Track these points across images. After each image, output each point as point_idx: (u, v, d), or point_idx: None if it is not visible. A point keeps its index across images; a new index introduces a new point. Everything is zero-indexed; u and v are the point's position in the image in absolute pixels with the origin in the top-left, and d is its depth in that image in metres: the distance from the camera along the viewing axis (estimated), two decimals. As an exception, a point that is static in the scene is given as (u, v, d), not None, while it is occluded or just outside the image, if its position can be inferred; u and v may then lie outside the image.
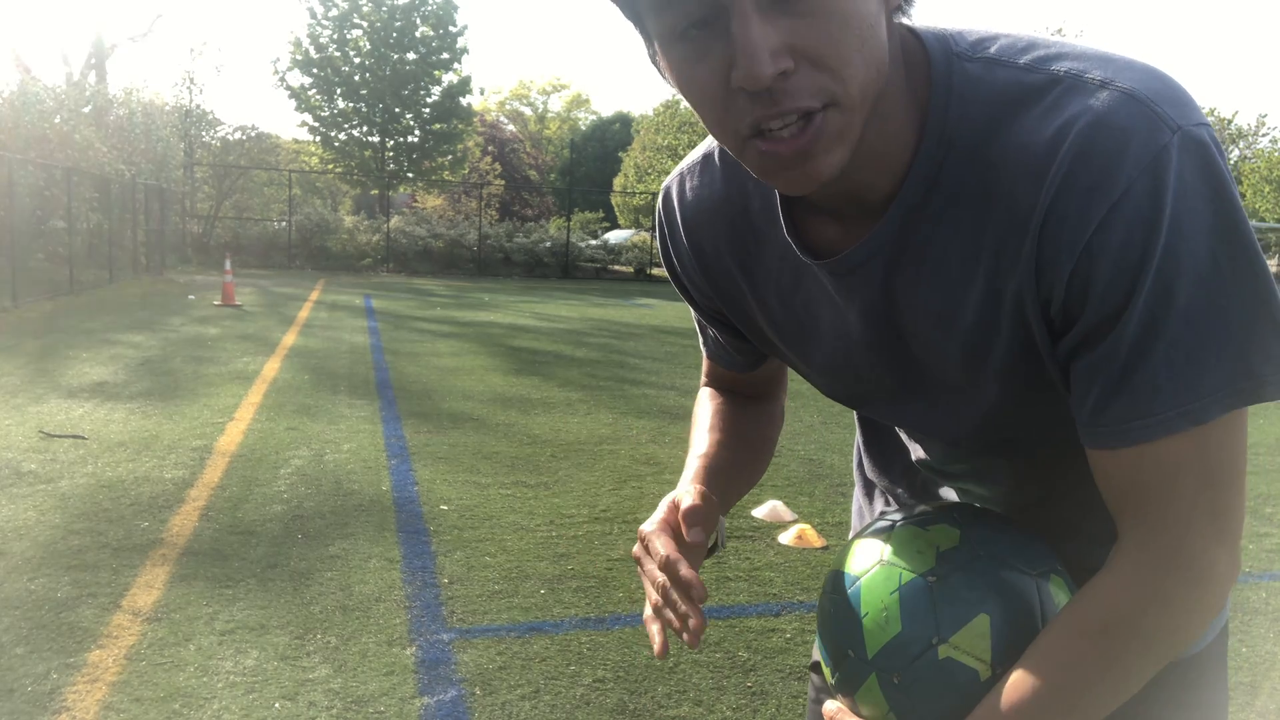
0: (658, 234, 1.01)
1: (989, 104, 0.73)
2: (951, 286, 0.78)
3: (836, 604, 0.88)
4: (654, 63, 0.74)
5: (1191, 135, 0.68)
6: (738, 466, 1.03)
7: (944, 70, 0.75)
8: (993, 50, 0.75)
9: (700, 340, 1.11)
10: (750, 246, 0.90)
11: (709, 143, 0.93)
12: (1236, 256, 0.68)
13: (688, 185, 0.94)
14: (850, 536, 1.18)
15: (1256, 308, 0.69)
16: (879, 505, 1.12)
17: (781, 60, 0.65)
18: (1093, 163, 0.68)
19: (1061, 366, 0.76)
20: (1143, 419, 0.71)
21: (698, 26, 0.67)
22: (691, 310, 1.07)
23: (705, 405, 1.12)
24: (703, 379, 1.15)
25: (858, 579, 0.87)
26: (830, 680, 0.89)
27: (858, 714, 0.86)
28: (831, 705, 0.88)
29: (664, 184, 0.98)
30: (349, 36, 32.06)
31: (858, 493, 1.19)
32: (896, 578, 0.84)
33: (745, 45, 0.64)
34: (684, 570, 0.83)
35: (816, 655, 1.19)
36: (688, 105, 0.76)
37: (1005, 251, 0.74)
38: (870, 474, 1.13)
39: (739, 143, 0.71)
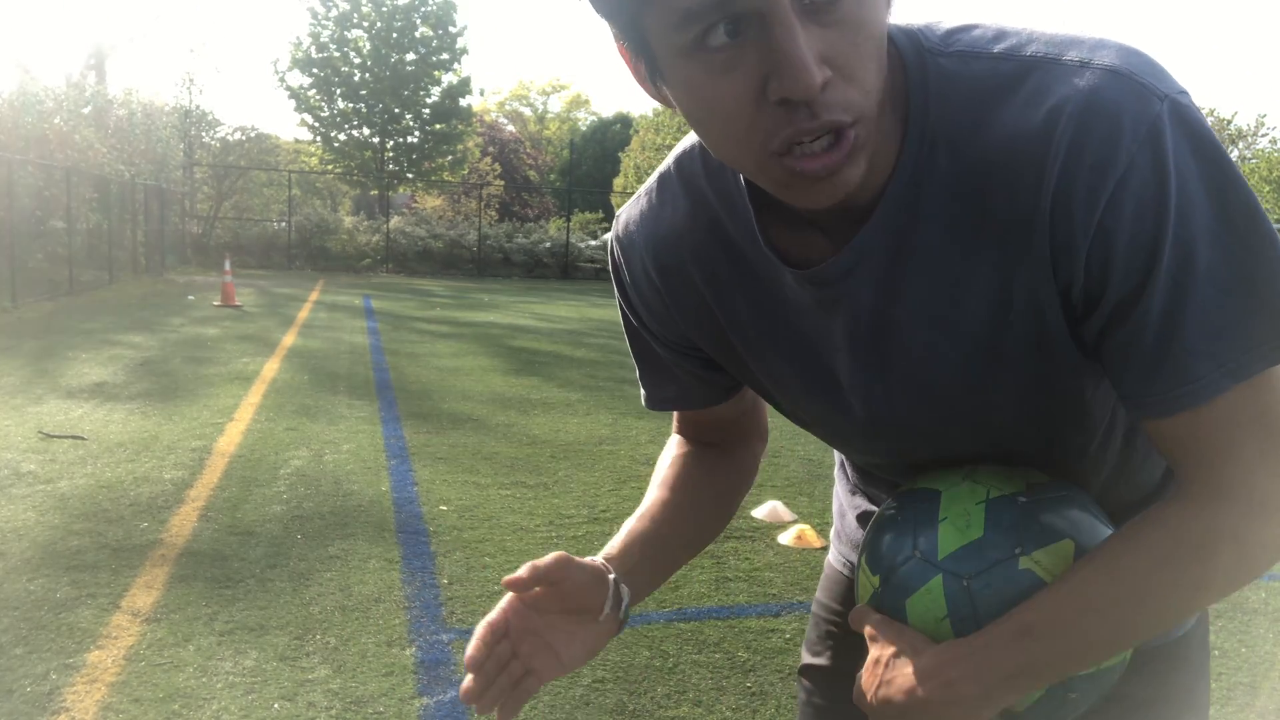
0: (614, 274, 0.96)
1: (968, 98, 0.73)
2: (953, 286, 0.76)
3: (902, 512, 0.87)
4: (650, 81, 0.71)
5: (1178, 102, 0.68)
6: (679, 530, 1.01)
7: (918, 68, 0.74)
8: (964, 43, 0.75)
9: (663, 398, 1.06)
10: (721, 262, 0.87)
11: (657, 172, 0.91)
12: (1243, 212, 0.69)
13: (643, 207, 0.91)
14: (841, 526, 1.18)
15: (1274, 256, 0.69)
16: (860, 500, 1.12)
17: (824, 70, 0.63)
18: (1091, 142, 0.68)
19: (1090, 350, 0.76)
20: (1188, 385, 0.71)
21: (728, 34, 0.63)
22: (649, 364, 1.02)
23: (667, 455, 1.09)
24: (674, 425, 1.12)
25: (938, 492, 0.85)
26: (871, 589, 0.86)
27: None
28: (872, 616, 0.85)
29: (614, 223, 0.95)
30: (349, 37, 32.07)
31: (840, 489, 1.18)
32: (984, 493, 0.83)
33: (793, 53, 0.62)
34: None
35: (807, 658, 1.18)
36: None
37: (1011, 243, 0.73)
38: (854, 480, 1.13)
39: (763, 159, 0.68)
